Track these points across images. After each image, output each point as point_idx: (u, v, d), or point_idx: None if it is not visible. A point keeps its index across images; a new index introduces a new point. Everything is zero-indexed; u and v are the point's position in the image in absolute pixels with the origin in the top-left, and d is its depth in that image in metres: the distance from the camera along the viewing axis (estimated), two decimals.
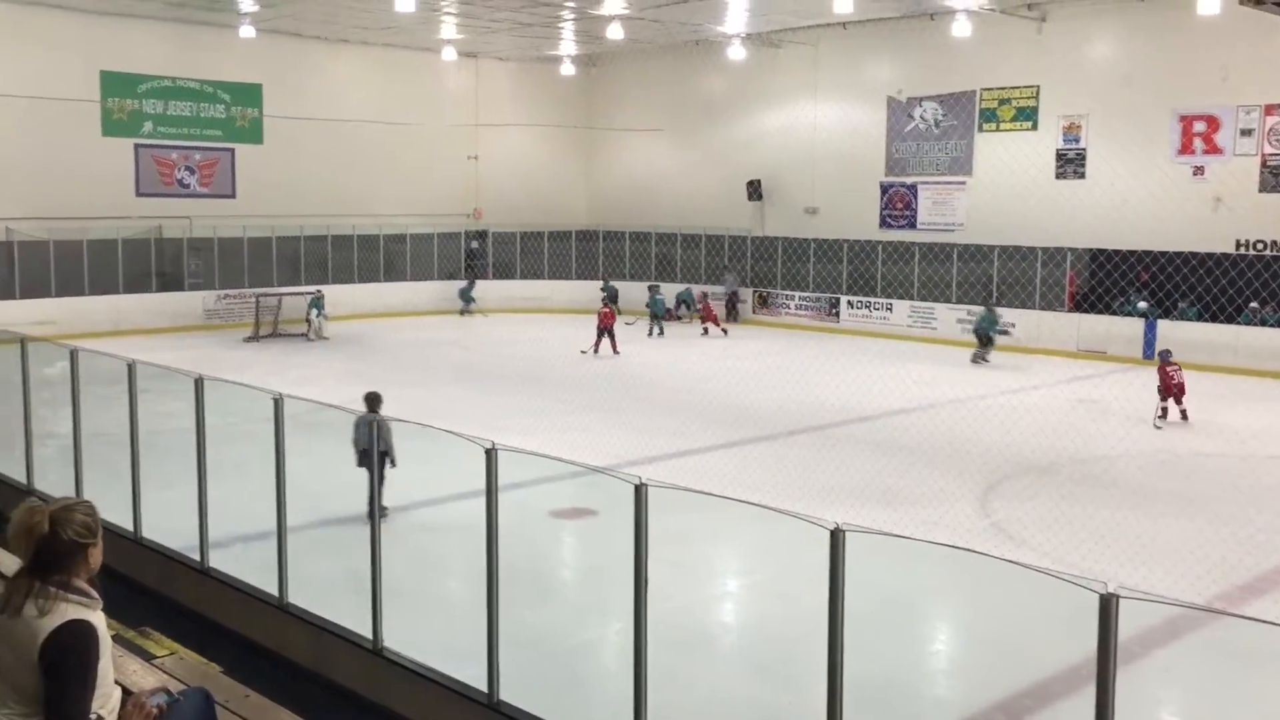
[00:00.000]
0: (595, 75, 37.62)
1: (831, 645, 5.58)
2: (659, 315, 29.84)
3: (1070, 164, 27.38)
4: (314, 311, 28.34)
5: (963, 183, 29.40)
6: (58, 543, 3.23)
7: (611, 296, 32.35)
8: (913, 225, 30.43)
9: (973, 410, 18.52)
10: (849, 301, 30.86)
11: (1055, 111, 27.47)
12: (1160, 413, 18.11)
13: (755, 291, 32.86)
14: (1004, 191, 28.08)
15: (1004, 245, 27.99)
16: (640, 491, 6.37)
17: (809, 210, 32.29)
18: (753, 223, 33.66)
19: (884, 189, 31.00)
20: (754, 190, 33.25)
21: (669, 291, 32.06)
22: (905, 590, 10.04)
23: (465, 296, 33.61)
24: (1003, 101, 28.46)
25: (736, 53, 31.69)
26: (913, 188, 30.45)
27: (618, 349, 25.53)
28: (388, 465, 11.62)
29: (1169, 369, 18.22)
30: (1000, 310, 26.16)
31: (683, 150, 35.55)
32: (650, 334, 29.25)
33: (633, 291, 32.56)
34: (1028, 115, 28.02)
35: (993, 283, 28.17)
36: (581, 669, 8.98)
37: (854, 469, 14.70)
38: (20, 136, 27.59)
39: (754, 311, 32.65)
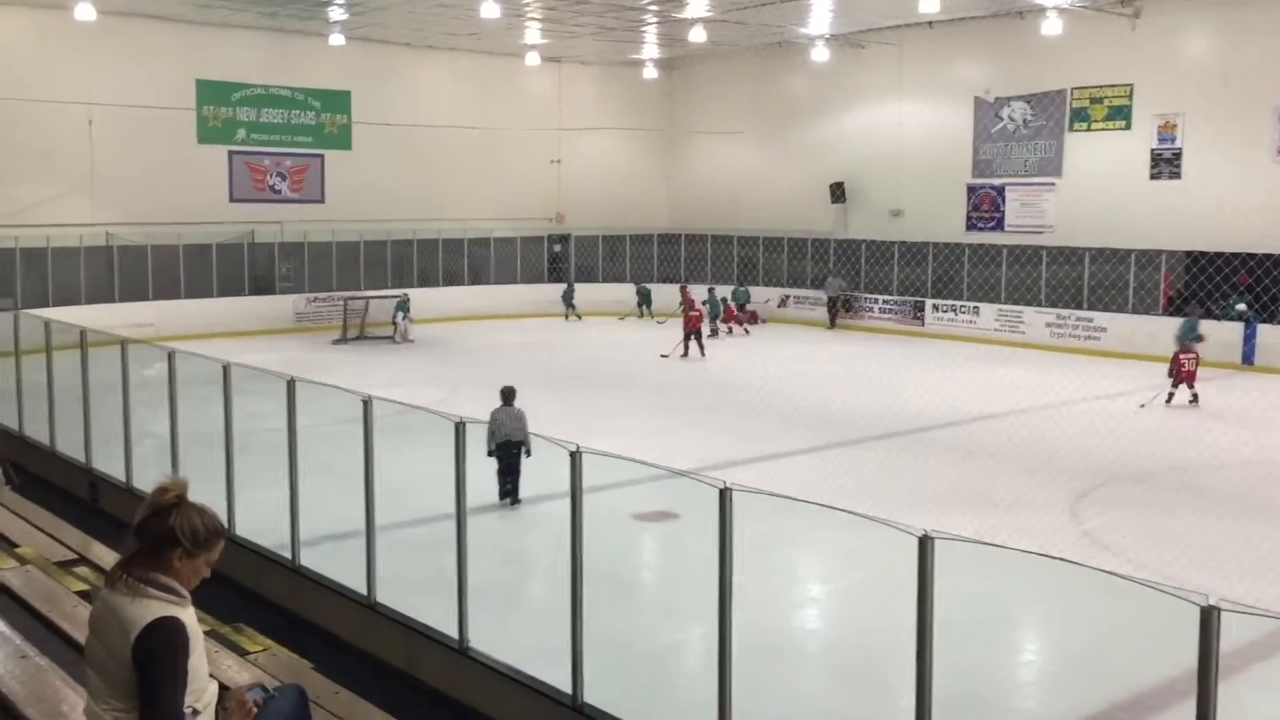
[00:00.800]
0: (677, 78, 37.63)
1: (920, 655, 5.50)
2: (716, 316, 29.80)
3: (1165, 164, 26.66)
4: (400, 315, 28.77)
5: (1052, 184, 28.80)
6: (156, 525, 3.30)
7: (645, 298, 32.95)
8: (1000, 227, 29.89)
9: (1063, 416, 18.13)
10: (934, 305, 30.42)
11: (1149, 110, 26.77)
12: (1168, 397, 19.23)
13: (827, 294, 32.53)
14: (1096, 193, 27.43)
15: (1096, 248, 27.36)
16: (725, 496, 6.35)
17: (893, 212, 31.92)
18: (836, 225, 33.37)
19: (970, 190, 30.50)
20: (837, 192, 32.96)
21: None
22: (994, 599, 9.85)
23: (568, 301, 33.73)
24: (1095, 100, 27.82)
25: (820, 54, 31.46)
26: (1000, 189, 29.91)
27: (705, 352, 25.54)
28: (523, 456, 12.48)
29: (1184, 356, 19.28)
30: (1092, 313, 25.54)
31: (765, 152, 35.39)
32: (710, 335, 28.67)
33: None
34: (1121, 114, 27.36)
35: (1084, 285, 27.56)
36: (665, 673, 8.97)
37: (939, 475, 14.48)
38: (121, 144, 28.45)
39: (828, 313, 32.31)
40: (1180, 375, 19.18)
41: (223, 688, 3.62)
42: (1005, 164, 29.73)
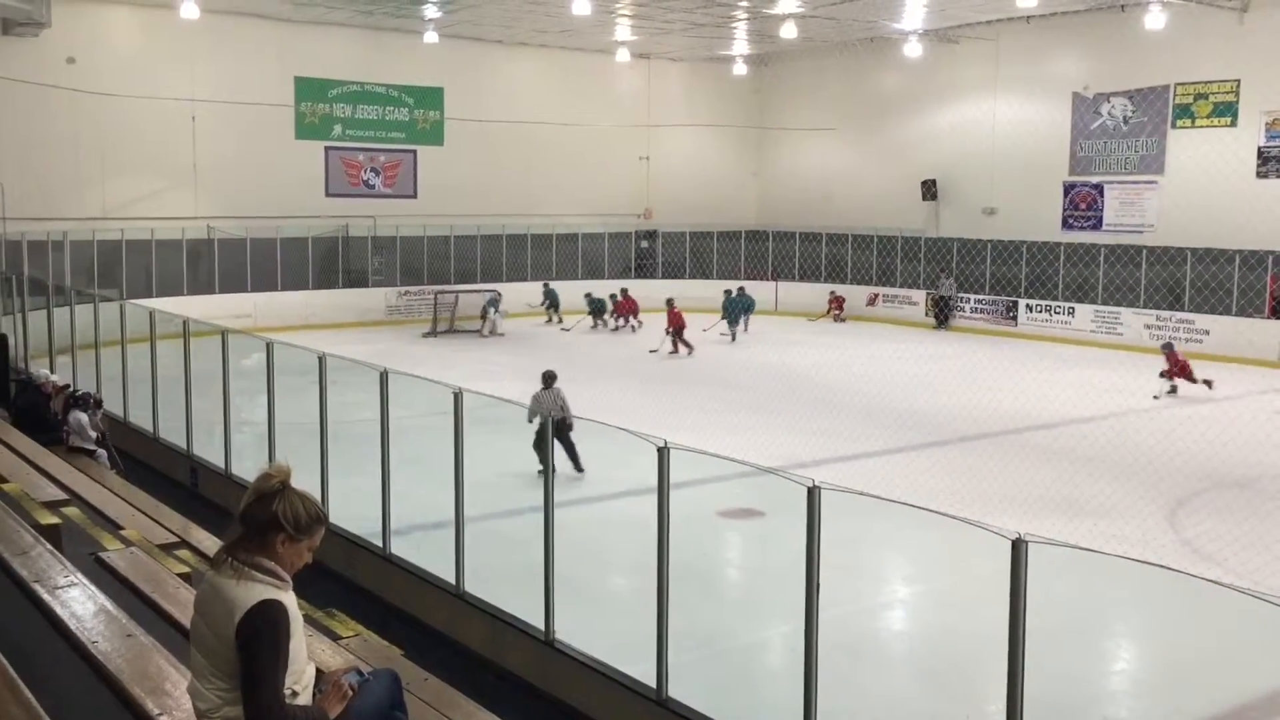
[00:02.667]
0: (767, 74, 37.42)
1: (1012, 659, 5.40)
2: (748, 310, 29.23)
3: (1273, 162, 25.77)
4: (491, 310, 29.06)
5: (1154, 182, 28.03)
6: (261, 510, 3.39)
7: (552, 300, 31.06)
8: (1098, 226, 29.19)
9: (1162, 420, 17.65)
10: (1028, 305, 29.82)
11: (1257, 107, 25.89)
12: (1170, 389, 20.22)
13: (928, 294, 32.06)
14: (1199, 191, 26.64)
15: (1198, 248, 26.55)
16: (813, 494, 6.31)
17: (987, 210, 31.36)
18: (927, 223, 32.91)
19: (1067, 189, 29.83)
20: (929, 190, 32.50)
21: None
22: (1088, 606, 9.64)
23: (552, 303, 31.64)
24: (1199, 97, 27.00)
25: (913, 49, 31.02)
26: (1099, 187, 29.21)
27: (687, 347, 25.67)
28: (570, 432, 13.29)
29: (1176, 355, 20.29)
30: (1194, 315, 24.80)
31: (855, 149, 35.03)
32: (729, 338, 28.17)
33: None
34: (1226, 111, 26.51)
35: (1185, 286, 26.78)
36: (749, 669, 8.95)
37: (1031, 478, 14.20)
38: (222, 140, 29.22)
39: (925, 314, 31.86)
40: (1182, 371, 20.16)
41: (318, 671, 3.71)
42: (1104, 161, 29.02)
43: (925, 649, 9.65)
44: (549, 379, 14.15)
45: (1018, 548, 5.35)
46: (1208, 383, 20.16)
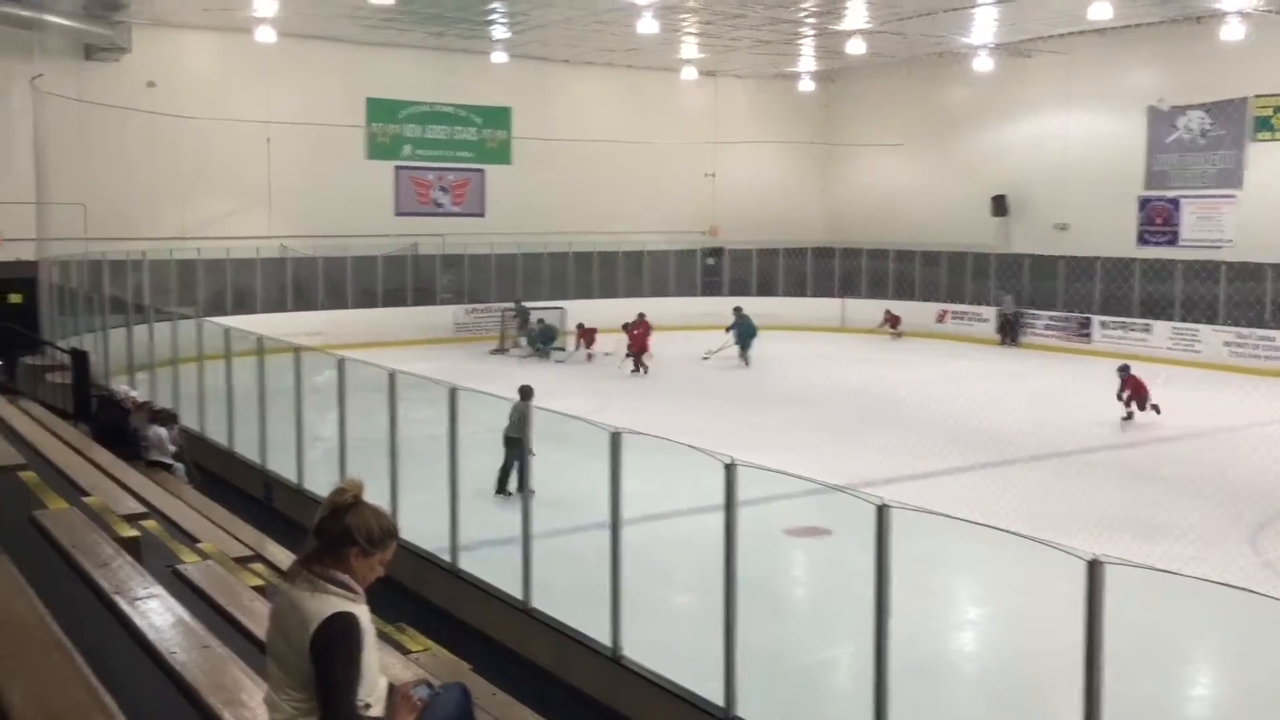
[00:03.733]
0: (833, 90, 37.27)
1: (1089, 683, 5.30)
2: (751, 337, 27.19)
3: None
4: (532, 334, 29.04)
5: (1232, 196, 27.40)
6: (334, 524, 3.44)
7: (523, 318, 29.63)
8: (1174, 241, 28.59)
9: (1243, 440, 17.19)
10: (1102, 322, 29.28)
11: None
12: (1127, 414, 19.10)
13: (999, 311, 31.62)
14: None
15: (1279, 263, 25.90)
16: (883, 513, 6.26)
17: (1059, 226, 30.86)
18: (997, 239, 32.48)
19: (1142, 203, 29.27)
20: (999, 205, 32.08)
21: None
22: (1166, 629, 9.41)
23: (535, 341, 29.33)
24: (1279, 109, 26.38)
25: (983, 64, 30.70)
26: (1175, 202, 28.62)
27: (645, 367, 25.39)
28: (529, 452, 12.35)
29: (1134, 378, 19.35)
30: (1275, 332, 24.13)
31: (924, 165, 34.72)
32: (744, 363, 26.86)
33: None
34: None
35: (1266, 303, 26.12)
36: (817, 689, 8.86)
37: (1106, 499, 13.92)
38: (295, 161, 29.78)
39: (997, 331, 31.40)
40: (1140, 394, 19.25)
41: (389, 684, 3.74)
42: (1180, 175, 28.45)
43: (998, 671, 9.49)
44: (525, 393, 13.19)
45: (1094, 569, 5.25)
46: (1155, 408, 18.95)
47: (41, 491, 6.63)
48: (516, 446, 12.54)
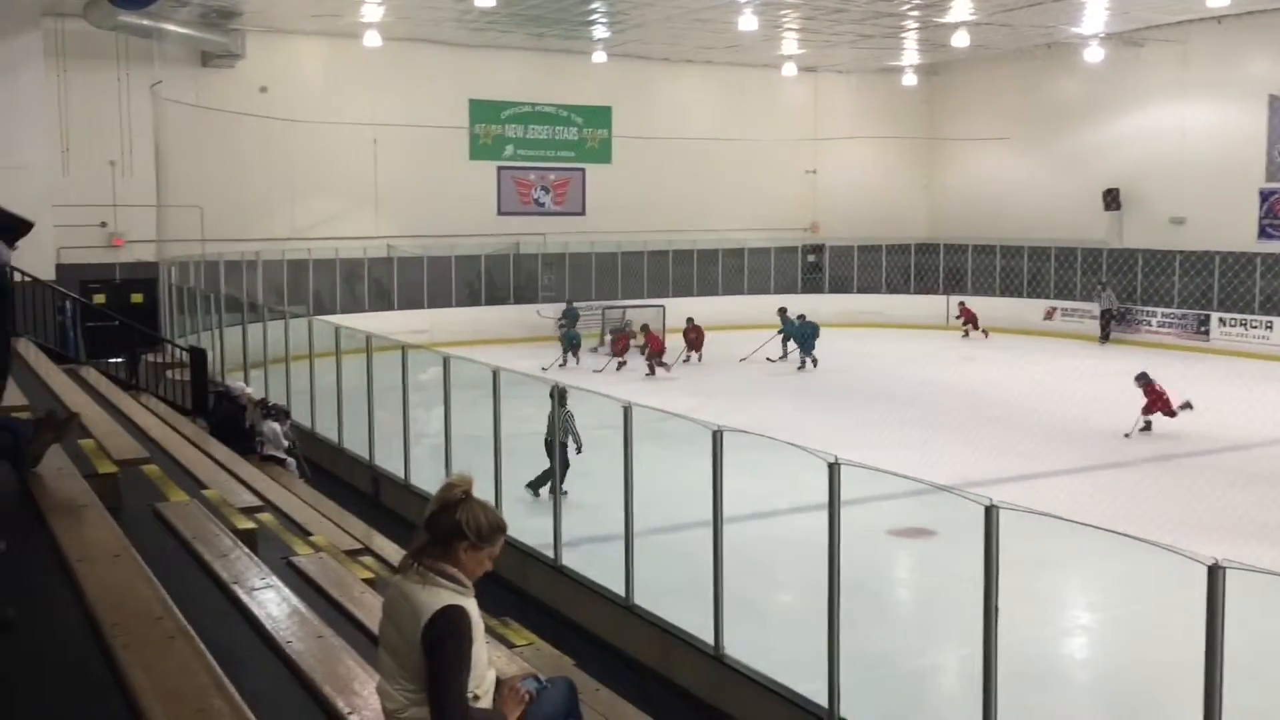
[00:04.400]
0: (937, 84, 36.63)
1: (1209, 692, 5.13)
2: (808, 338, 25.76)
3: None
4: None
5: None
6: (444, 518, 3.51)
7: (572, 320, 28.61)
8: None
9: None
10: (1220, 319, 28.27)
11: None
12: (1144, 424, 17.71)
13: (1101, 308, 30.74)
14: None
15: None
16: (991, 513, 6.14)
17: (1174, 220, 29.88)
18: (1109, 234, 31.57)
19: (1264, 196, 28.16)
20: (1111, 199, 31.18)
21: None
22: None
23: (570, 343, 27.50)
24: None
25: (1093, 54, 29.86)
26: None
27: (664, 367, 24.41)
28: (571, 451, 12.42)
29: (1154, 386, 17.85)
30: None
31: (1031, 159, 33.92)
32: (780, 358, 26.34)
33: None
34: None
35: None
36: (923, 692, 8.73)
37: (1225, 502, 13.43)
38: (400, 162, 30.37)
39: (1100, 329, 30.52)
40: (1160, 405, 17.74)
41: (497, 677, 3.79)
42: None
43: (1111, 678, 9.23)
44: (561, 396, 12.55)
45: (1214, 574, 5.08)
46: (1188, 405, 17.70)
47: (163, 484, 6.87)
48: (554, 451, 12.22)
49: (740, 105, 34.87)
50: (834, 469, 7.07)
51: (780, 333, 26.76)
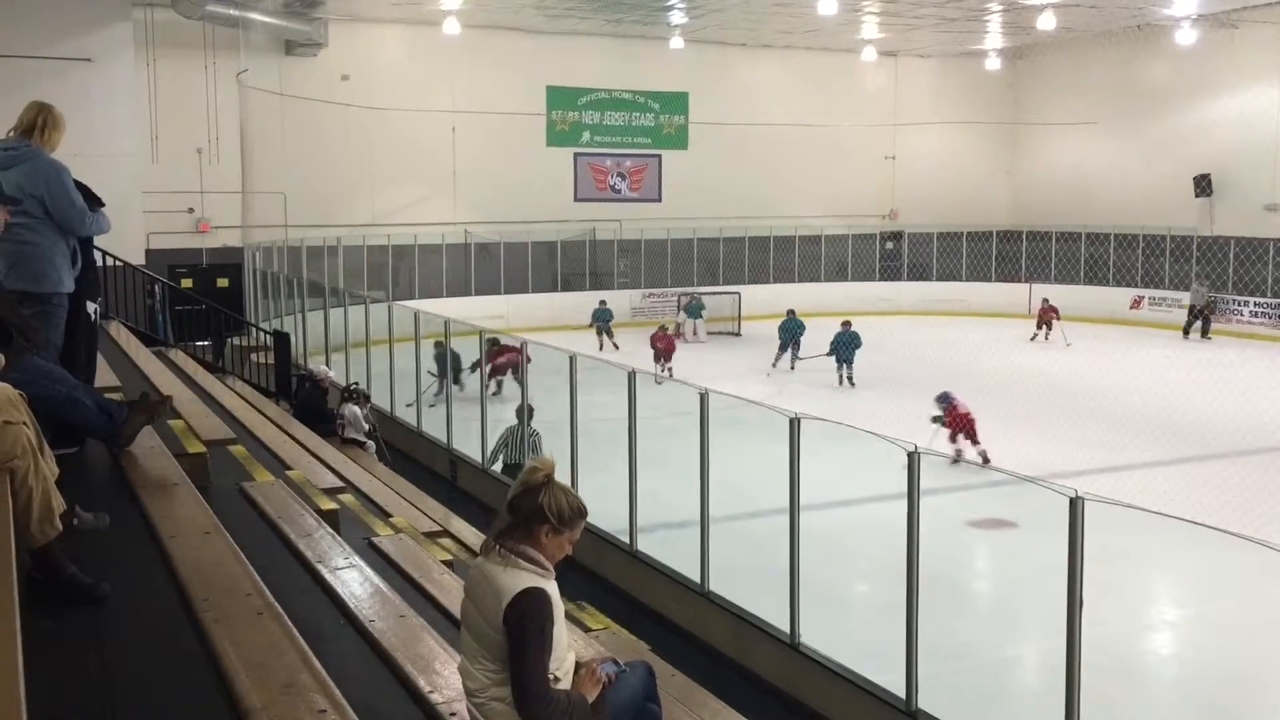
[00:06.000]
0: (1021, 68, 35.90)
1: None
2: (845, 357, 22.27)
3: None
4: (683, 315, 29.04)
5: None
6: (527, 501, 3.53)
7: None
8: None
9: None
10: None
11: None
12: (954, 454, 13.52)
13: (1193, 303, 29.91)
14: None
15: None
16: (1076, 505, 6.01)
17: (1269, 207, 28.95)
18: (1200, 221, 30.70)
19: None
20: (1202, 185, 30.31)
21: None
22: None
23: (603, 324, 27.92)
24: None
25: (1185, 36, 29.01)
26: None
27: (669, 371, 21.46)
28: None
29: (958, 409, 14.70)
30: None
31: (1119, 144, 33.09)
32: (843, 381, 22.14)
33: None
34: None
35: None
36: (1003, 685, 8.61)
37: None
38: (479, 149, 30.60)
39: (1186, 324, 29.68)
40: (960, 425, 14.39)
41: (576, 660, 3.81)
42: None
43: (1199, 675, 9.00)
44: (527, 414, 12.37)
45: None
46: (982, 455, 13.86)
47: (250, 465, 7.01)
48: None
49: (818, 90, 34.51)
50: (913, 458, 6.99)
51: (784, 339, 24.09)
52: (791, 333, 24.10)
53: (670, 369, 21.66)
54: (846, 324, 22.49)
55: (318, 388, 13.96)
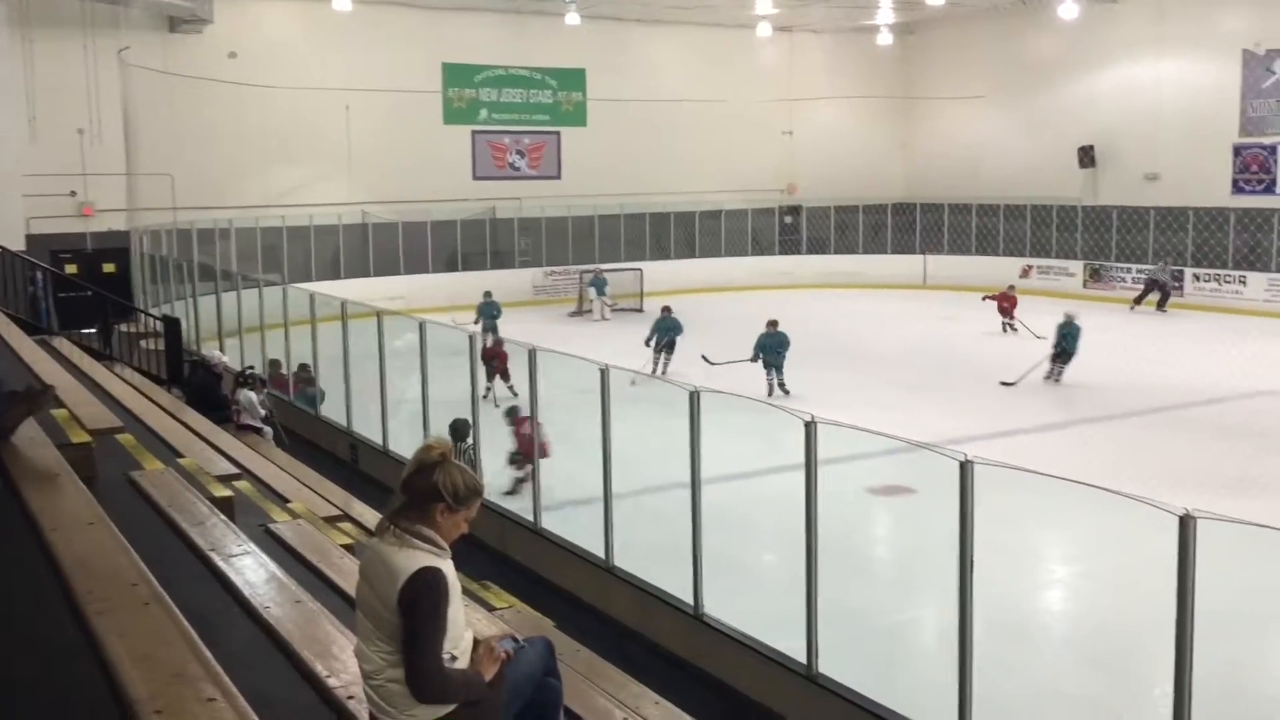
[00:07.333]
0: (913, 43, 36.51)
1: (1179, 643, 5.20)
2: (772, 362, 18.46)
3: None
4: (593, 291, 29.09)
5: None
6: (421, 480, 3.50)
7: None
8: (1271, 190, 27.61)
9: None
10: (1195, 274, 28.44)
11: None
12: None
13: (1086, 264, 30.90)
14: None
15: None
16: (966, 469, 6.17)
17: (1149, 176, 29.97)
18: (1084, 191, 31.65)
19: (1237, 151, 28.28)
20: (1086, 157, 31.24)
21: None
22: (1261, 587, 9.17)
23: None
24: None
25: (1068, 11, 29.76)
26: (1272, 149, 27.61)
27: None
28: None
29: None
30: None
31: (1007, 117, 33.90)
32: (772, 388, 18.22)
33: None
34: None
35: None
36: (901, 648, 8.83)
37: (1199, 455, 13.59)
38: (374, 127, 30.07)
39: (1084, 286, 30.67)
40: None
41: (474, 638, 3.80)
42: (1278, 121, 27.41)
43: (1086, 630, 9.35)
44: (460, 431, 11.18)
45: (1185, 524, 5.14)
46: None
47: (138, 453, 6.83)
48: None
49: (715, 66, 34.64)
50: (810, 427, 7.09)
51: (655, 336, 20.28)
52: (666, 333, 20.28)
53: (490, 388, 15.93)
54: (773, 324, 19.01)
55: (211, 373, 13.62)
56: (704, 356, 19.06)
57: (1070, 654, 8.93)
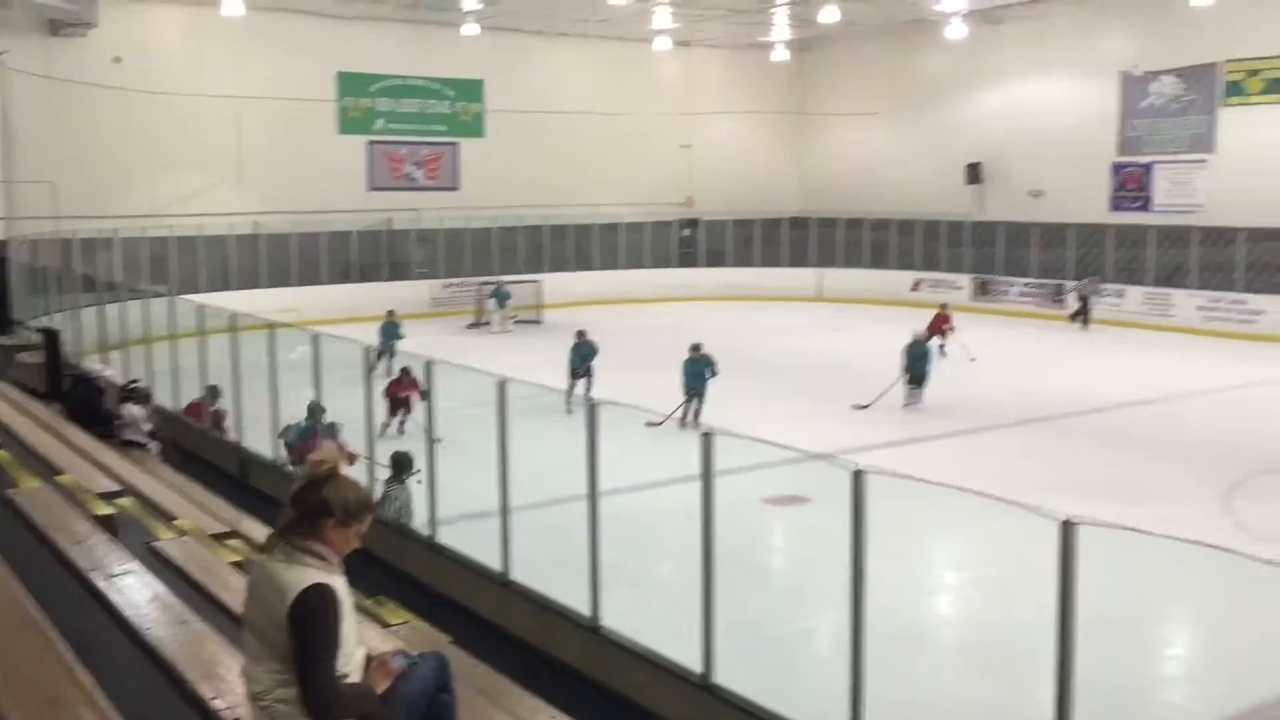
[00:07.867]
0: (808, 60, 37.18)
1: (1062, 645, 5.35)
2: (694, 388, 17.29)
3: None
4: (493, 303, 28.99)
5: (1204, 161, 27.54)
6: (311, 495, 3.43)
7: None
8: (1147, 207, 28.75)
9: (1216, 403, 17.38)
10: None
11: None
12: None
13: (973, 278, 31.77)
14: (1251, 170, 26.14)
15: (1253, 227, 26.06)
16: (858, 478, 6.27)
17: (1033, 193, 30.97)
18: (972, 207, 32.56)
19: (1116, 169, 29.40)
20: (974, 173, 32.16)
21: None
22: (1141, 591, 9.52)
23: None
24: (1251, 73, 26.47)
25: (956, 31, 30.65)
26: (1148, 167, 28.75)
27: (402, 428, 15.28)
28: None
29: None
30: (1247, 295, 24.25)
31: (899, 133, 34.73)
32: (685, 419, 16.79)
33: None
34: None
35: (1238, 266, 26.30)
36: (795, 656, 8.93)
37: (1083, 463, 14.04)
38: (266, 136, 29.49)
39: (971, 299, 31.52)
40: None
41: (366, 654, 3.74)
42: (1153, 141, 28.57)
43: (974, 636, 9.57)
44: (402, 465, 10.93)
45: (1067, 529, 5.29)
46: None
47: (14, 471, 6.57)
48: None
49: (614, 79, 34.82)
50: (707, 439, 7.14)
51: (575, 364, 18.47)
52: (585, 358, 18.66)
53: (403, 422, 15.35)
54: (696, 349, 17.67)
55: (93, 387, 13.16)
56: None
57: (960, 659, 9.13)
